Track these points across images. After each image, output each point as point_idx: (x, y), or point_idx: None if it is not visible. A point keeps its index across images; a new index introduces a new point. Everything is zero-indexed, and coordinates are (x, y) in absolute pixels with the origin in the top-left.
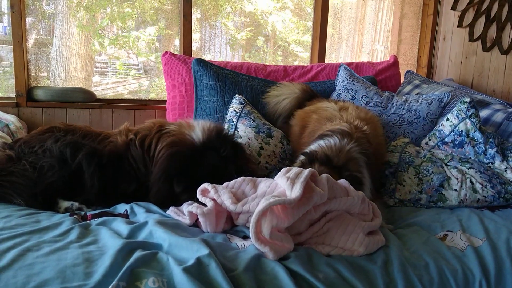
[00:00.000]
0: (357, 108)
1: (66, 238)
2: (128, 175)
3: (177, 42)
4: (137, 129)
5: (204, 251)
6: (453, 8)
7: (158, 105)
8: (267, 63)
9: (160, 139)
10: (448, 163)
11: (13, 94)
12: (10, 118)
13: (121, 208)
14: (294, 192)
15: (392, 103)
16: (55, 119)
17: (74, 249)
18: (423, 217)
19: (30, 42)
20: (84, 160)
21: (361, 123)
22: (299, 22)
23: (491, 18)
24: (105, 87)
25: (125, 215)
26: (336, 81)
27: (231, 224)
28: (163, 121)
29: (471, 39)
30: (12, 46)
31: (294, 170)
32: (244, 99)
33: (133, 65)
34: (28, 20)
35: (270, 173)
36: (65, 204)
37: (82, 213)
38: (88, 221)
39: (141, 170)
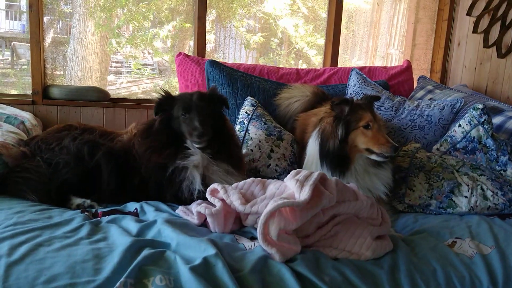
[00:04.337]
0: None
1: (76, 234)
2: (133, 169)
3: (191, 43)
4: (138, 125)
5: (211, 251)
6: (469, 13)
7: None
8: (281, 66)
9: None
10: (459, 170)
11: (29, 92)
12: (25, 115)
13: (131, 206)
14: (303, 195)
15: (404, 108)
16: (69, 117)
17: (84, 245)
18: (432, 223)
19: (47, 41)
20: (103, 159)
21: None
22: (311, 27)
23: (506, 24)
24: (119, 87)
25: (135, 213)
26: (348, 85)
27: (239, 225)
28: None
29: (486, 45)
30: (29, 45)
31: (304, 172)
32: (255, 101)
33: (148, 65)
34: (46, 19)
35: (280, 176)
36: (78, 201)
37: (93, 210)
38: (99, 218)
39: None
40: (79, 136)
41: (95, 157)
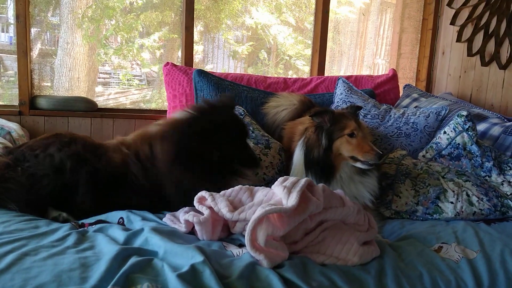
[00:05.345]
0: None
1: (63, 243)
2: (129, 191)
3: (180, 54)
4: (127, 144)
5: (198, 258)
6: (452, 23)
7: (159, 115)
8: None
9: (152, 144)
10: (444, 176)
11: (16, 103)
12: (12, 126)
13: (117, 215)
14: (290, 201)
15: (390, 116)
16: (57, 128)
17: (70, 254)
18: (418, 229)
19: (35, 52)
20: (83, 179)
21: None
22: (299, 37)
23: (489, 33)
24: (107, 98)
25: (120, 223)
26: (335, 93)
27: (227, 232)
28: (142, 131)
29: (470, 53)
30: (16, 56)
31: (291, 179)
32: (243, 110)
33: (136, 76)
34: (33, 30)
35: (268, 184)
36: (53, 213)
37: (73, 222)
38: (85, 228)
39: (142, 184)
40: (65, 146)
41: (76, 174)
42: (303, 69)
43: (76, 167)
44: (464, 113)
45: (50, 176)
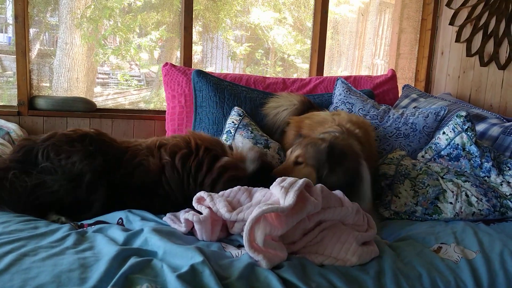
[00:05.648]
0: (349, 113)
1: (62, 244)
2: (159, 203)
3: (178, 54)
4: (170, 145)
5: (198, 258)
6: (451, 23)
7: (158, 115)
8: (268, 76)
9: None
10: (444, 176)
11: (15, 103)
12: (11, 126)
13: (116, 215)
14: (287, 200)
15: (389, 116)
16: (55, 128)
17: (70, 254)
18: (418, 229)
19: (34, 53)
20: (100, 196)
21: (353, 126)
22: (298, 36)
23: (488, 33)
24: (106, 98)
25: (120, 224)
26: (333, 94)
27: (226, 233)
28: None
29: (469, 54)
30: (15, 56)
31: (289, 179)
32: (242, 111)
33: (135, 76)
34: (32, 30)
35: None
36: (53, 217)
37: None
38: (85, 228)
39: (177, 198)
40: (90, 155)
41: (94, 188)
42: (301, 67)
43: (95, 181)
44: (463, 113)
45: (62, 183)
